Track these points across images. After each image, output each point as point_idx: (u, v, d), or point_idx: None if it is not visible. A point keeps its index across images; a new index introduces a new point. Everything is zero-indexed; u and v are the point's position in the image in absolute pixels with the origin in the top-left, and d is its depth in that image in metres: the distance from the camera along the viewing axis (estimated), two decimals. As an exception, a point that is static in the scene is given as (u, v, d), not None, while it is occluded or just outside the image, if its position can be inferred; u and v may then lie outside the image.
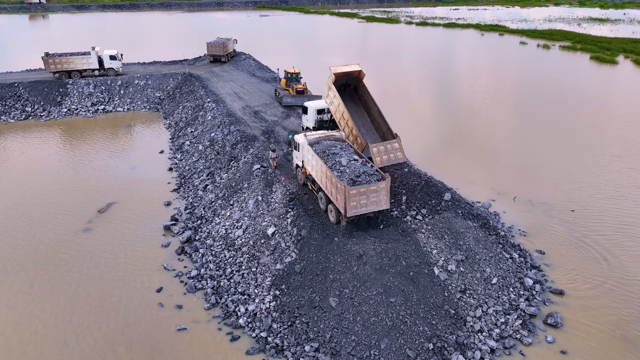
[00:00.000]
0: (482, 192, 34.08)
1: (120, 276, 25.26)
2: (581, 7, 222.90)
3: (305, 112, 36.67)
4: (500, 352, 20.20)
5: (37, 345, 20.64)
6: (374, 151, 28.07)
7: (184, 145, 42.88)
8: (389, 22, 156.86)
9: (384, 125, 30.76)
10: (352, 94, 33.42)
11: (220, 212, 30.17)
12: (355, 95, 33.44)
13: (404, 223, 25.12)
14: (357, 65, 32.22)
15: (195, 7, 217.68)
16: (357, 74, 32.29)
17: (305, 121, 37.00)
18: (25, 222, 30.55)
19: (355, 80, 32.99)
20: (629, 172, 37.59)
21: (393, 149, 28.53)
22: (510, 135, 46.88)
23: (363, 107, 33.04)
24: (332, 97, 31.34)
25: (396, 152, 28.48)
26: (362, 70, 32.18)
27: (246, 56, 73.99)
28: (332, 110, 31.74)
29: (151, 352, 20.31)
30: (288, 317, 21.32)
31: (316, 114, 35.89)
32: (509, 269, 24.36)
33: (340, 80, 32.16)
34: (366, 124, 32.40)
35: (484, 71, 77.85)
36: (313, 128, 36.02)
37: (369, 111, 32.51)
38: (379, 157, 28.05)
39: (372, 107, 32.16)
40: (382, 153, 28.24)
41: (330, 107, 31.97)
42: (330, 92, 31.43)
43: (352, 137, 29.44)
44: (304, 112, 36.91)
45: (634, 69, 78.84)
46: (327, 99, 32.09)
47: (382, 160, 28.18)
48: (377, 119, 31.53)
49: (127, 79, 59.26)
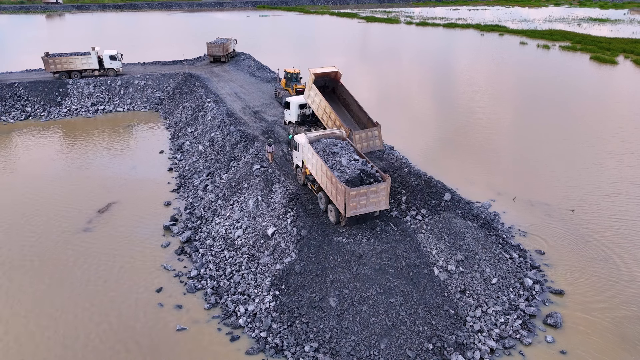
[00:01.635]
0: (482, 192, 34.09)
1: (120, 276, 25.27)
2: (581, 7, 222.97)
3: (288, 107, 37.84)
4: (500, 352, 20.20)
5: (37, 345, 20.64)
6: (356, 138, 30.08)
7: (183, 146, 42.89)
8: (389, 22, 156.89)
9: (364, 117, 32.58)
10: (331, 95, 35.25)
11: (220, 212, 30.18)
12: (334, 95, 35.48)
13: (403, 223, 25.13)
14: (334, 67, 34.85)
15: (195, 7, 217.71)
16: (334, 75, 34.74)
17: (288, 116, 38.08)
18: (25, 222, 30.56)
19: (333, 82, 35.34)
20: (629, 170, 37.60)
21: (373, 136, 30.74)
22: (511, 135, 46.90)
23: (342, 105, 35.04)
24: (314, 96, 33.36)
25: (375, 139, 30.65)
26: (338, 71, 34.68)
27: (246, 56, 74.00)
28: (314, 108, 33.46)
29: (151, 352, 20.32)
30: (288, 317, 21.32)
31: (298, 108, 36.90)
32: (509, 269, 24.37)
33: (319, 82, 34.25)
34: (347, 119, 34.13)
35: (484, 71, 77.87)
36: (296, 122, 37.17)
37: (348, 108, 34.71)
38: (359, 143, 30.12)
39: (351, 102, 34.23)
40: (363, 140, 30.38)
41: (312, 106, 33.73)
42: (311, 91, 33.50)
43: (334, 125, 31.19)
44: (287, 107, 38.10)
45: (634, 69, 78.86)
46: (309, 99, 34.10)
47: (363, 146, 30.31)
48: (358, 113, 33.45)
49: (127, 79, 59.27)
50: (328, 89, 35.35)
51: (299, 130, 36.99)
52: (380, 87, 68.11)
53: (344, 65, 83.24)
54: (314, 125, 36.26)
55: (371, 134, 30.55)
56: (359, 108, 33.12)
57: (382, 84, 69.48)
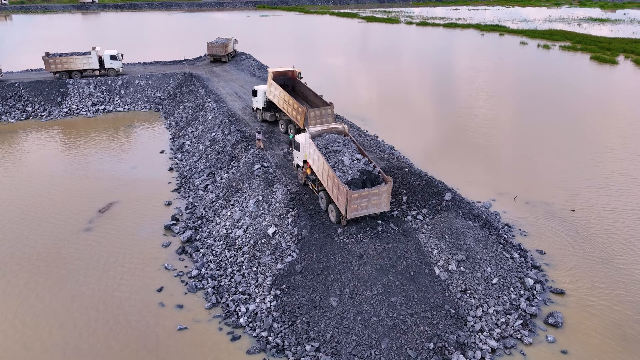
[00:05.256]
0: (482, 192, 34.10)
1: (121, 276, 25.28)
2: (581, 7, 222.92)
3: (255, 94, 41.29)
4: (501, 351, 20.21)
5: (37, 345, 20.65)
6: (311, 115, 34.29)
7: (184, 145, 42.90)
8: (389, 22, 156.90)
9: (320, 102, 37.10)
10: (291, 92, 39.81)
11: (221, 211, 30.19)
12: (294, 92, 40.56)
13: (404, 223, 25.14)
14: (291, 67, 41.76)
15: (195, 7, 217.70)
16: (291, 74, 40.92)
17: (255, 102, 41.67)
18: (26, 222, 30.57)
19: (291, 81, 41.06)
20: (629, 170, 37.61)
21: (326, 114, 35.04)
22: (511, 135, 46.90)
23: (302, 98, 39.95)
24: (274, 90, 38.27)
25: (328, 116, 34.97)
26: (294, 70, 41.06)
27: (246, 56, 74.02)
28: (276, 101, 38.06)
29: (152, 351, 20.33)
30: (289, 317, 21.33)
31: (265, 95, 40.27)
32: (510, 269, 24.37)
33: (279, 80, 39.90)
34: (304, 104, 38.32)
35: (484, 71, 77.87)
36: (263, 108, 40.90)
37: (306, 99, 39.57)
38: (314, 120, 34.41)
39: (308, 93, 39.31)
40: (317, 117, 34.62)
41: (274, 99, 38.35)
42: (271, 87, 38.59)
43: (294, 109, 35.56)
44: (254, 95, 41.42)
45: (634, 69, 78.86)
46: (270, 95, 38.87)
47: (317, 122, 34.44)
48: (314, 100, 38.10)
49: (127, 79, 59.28)
50: (288, 87, 40.52)
51: (264, 116, 41.19)
52: (380, 87, 68.11)
53: (344, 65, 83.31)
54: (279, 111, 39.84)
55: (324, 112, 35.05)
56: (315, 95, 38.13)
57: (383, 84, 69.48)
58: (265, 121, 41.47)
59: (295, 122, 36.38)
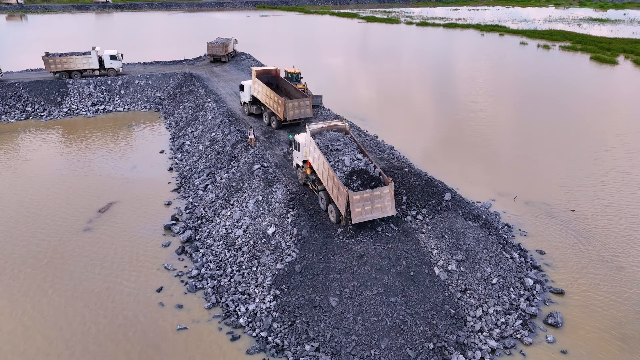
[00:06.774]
0: (482, 192, 34.09)
1: (121, 275, 25.26)
2: (581, 8, 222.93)
3: (242, 89, 43.79)
4: (501, 352, 20.20)
5: (37, 345, 20.64)
6: (289, 106, 37.44)
7: (184, 145, 42.89)
8: (389, 22, 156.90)
9: (299, 95, 40.14)
10: (275, 89, 42.64)
11: (221, 211, 30.18)
12: (278, 89, 43.40)
13: (404, 223, 25.13)
14: (274, 66, 44.86)
15: (195, 7, 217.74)
16: (274, 72, 43.51)
17: (243, 97, 44.24)
18: (26, 222, 30.56)
19: (275, 79, 43.60)
20: (629, 170, 37.60)
21: (304, 105, 38.34)
22: (511, 135, 46.89)
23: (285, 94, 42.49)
24: (258, 87, 41.08)
25: (306, 108, 38.39)
26: (277, 69, 43.64)
27: (246, 56, 74.02)
28: (260, 97, 40.88)
29: (151, 351, 20.31)
30: (288, 317, 21.32)
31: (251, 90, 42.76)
32: (510, 269, 24.36)
33: (263, 78, 42.53)
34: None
35: (484, 71, 77.87)
36: (249, 102, 43.41)
37: (288, 94, 42.22)
38: (292, 111, 37.61)
39: (290, 89, 42.04)
40: (295, 108, 37.90)
41: (257, 95, 41.26)
42: (255, 84, 41.52)
43: (274, 102, 38.28)
44: (241, 90, 43.98)
45: (634, 69, 78.85)
46: (254, 92, 41.74)
47: (295, 113, 37.94)
48: (295, 94, 40.87)
49: (127, 78, 59.27)
50: (272, 85, 43.20)
51: (250, 109, 43.49)
52: (380, 87, 68.08)
53: (344, 65, 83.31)
54: (263, 105, 42.11)
55: (302, 103, 38.19)
56: (296, 90, 41.00)
57: (383, 84, 69.46)
58: (251, 114, 44.03)
59: (277, 114, 38.73)
